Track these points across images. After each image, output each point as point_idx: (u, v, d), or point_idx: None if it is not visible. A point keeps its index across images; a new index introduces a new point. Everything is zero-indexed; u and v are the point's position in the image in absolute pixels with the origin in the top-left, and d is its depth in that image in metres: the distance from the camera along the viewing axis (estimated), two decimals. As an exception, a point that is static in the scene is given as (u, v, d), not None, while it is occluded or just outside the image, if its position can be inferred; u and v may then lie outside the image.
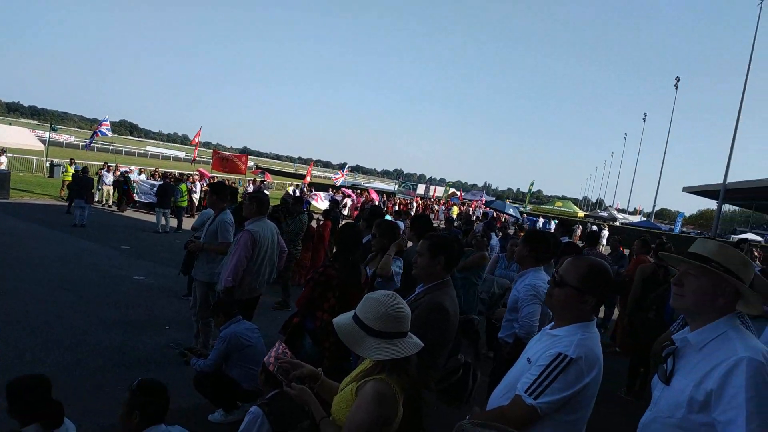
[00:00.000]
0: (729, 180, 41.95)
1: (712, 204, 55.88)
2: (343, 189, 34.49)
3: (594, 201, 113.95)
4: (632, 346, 6.82)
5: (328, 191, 32.79)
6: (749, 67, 38.89)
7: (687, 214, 79.81)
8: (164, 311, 7.74)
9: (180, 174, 25.26)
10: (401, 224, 10.70)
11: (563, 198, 72.87)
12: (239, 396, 4.54)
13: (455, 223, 9.99)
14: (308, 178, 35.37)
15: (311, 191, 30.45)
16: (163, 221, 16.03)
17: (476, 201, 41.21)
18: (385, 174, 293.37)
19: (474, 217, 16.84)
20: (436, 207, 37.98)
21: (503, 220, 29.22)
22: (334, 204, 21.38)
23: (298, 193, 31.06)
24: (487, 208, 33.90)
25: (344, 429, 2.03)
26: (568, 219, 12.00)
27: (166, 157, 74.93)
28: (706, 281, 2.04)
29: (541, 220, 36.03)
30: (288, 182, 37.73)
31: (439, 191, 49.95)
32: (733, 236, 40.02)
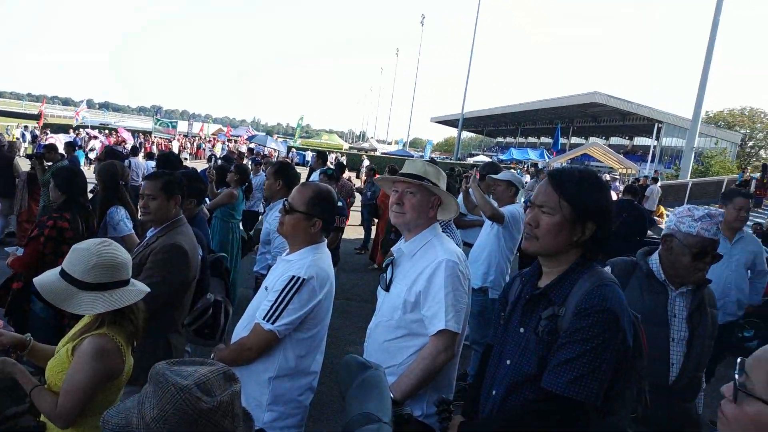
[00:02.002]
0: (466, 110, 48.14)
1: (454, 132, 63.75)
2: (89, 130, 30.20)
3: (358, 133, 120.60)
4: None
5: (69, 133, 28.34)
6: (478, 9, 44.13)
7: (435, 142, 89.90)
8: None
9: None
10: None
11: (330, 131, 75.43)
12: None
13: (218, 161, 9.55)
14: (42, 120, 30.02)
15: (47, 134, 25.93)
16: None
17: (243, 137, 40.11)
18: (142, 111, 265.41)
19: (237, 154, 16.34)
20: (203, 145, 35.93)
21: (269, 155, 29.10)
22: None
23: (27, 136, 26.24)
24: (252, 143, 33.24)
25: (61, 393, 1.83)
26: (324, 151, 12.47)
27: None
28: (422, 196, 2.30)
29: (310, 153, 36.86)
30: (14, 123, 31.33)
31: (208, 128, 47.26)
32: (469, 158, 46.46)
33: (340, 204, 5.48)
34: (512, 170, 4.59)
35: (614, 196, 12.25)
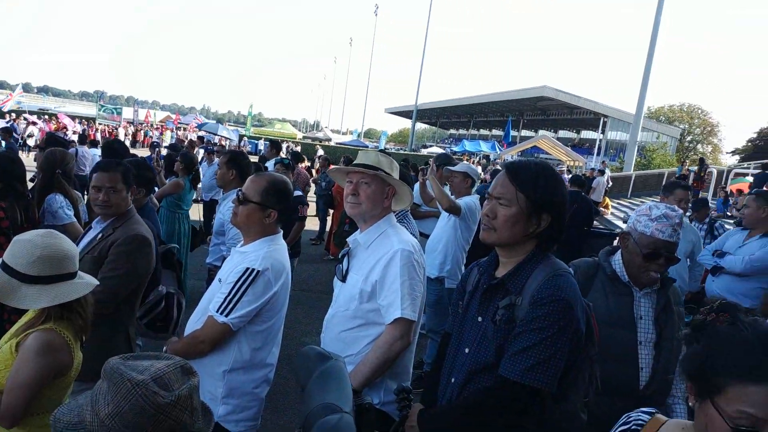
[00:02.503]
0: (420, 102, 48.42)
1: (408, 123, 64.03)
2: (26, 115, 28.65)
3: (312, 123, 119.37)
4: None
5: (4, 118, 26.81)
6: (431, 1, 44.33)
7: (390, 133, 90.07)
8: None
9: None
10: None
11: (283, 120, 74.26)
12: None
13: (162, 150, 9.25)
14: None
15: (-22, 119, 24.41)
16: None
17: (192, 125, 38.97)
18: (85, 96, 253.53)
19: (186, 142, 15.87)
20: (150, 133, 34.71)
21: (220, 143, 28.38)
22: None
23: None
24: (202, 131, 32.35)
25: (6, 391, 1.75)
26: (277, 140, 12.29)
27: None
28: (376, 186, 2.30)
29: (263, 142, 36.22)
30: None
31: (155, 115, 45.66)
32: (423, 149, 46.82)
33: (299, 193, 5.45)
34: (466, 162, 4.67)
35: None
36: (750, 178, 13.53)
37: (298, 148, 28.54)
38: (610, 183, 20.87)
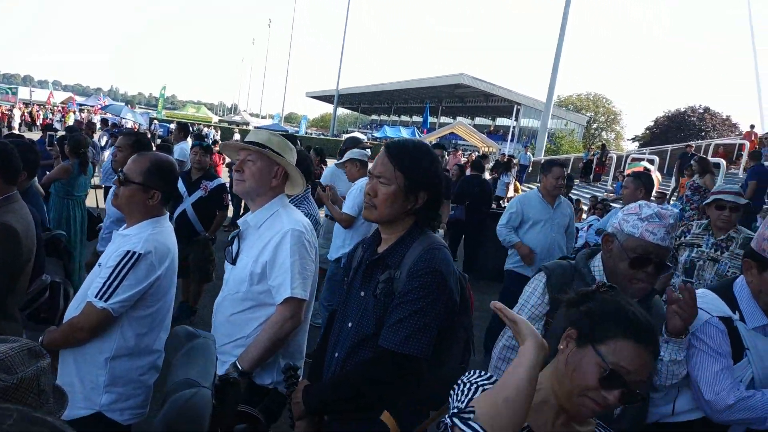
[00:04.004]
0: (342, 87, 48.15)
1: (330, 108, 63.53)
2: None
3: (229, 106, 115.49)
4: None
5: None
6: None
7: (311, 118, 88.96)
8: None
9: None
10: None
11: (198, 103, 71.24)
12: None
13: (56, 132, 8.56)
14: None
15: None
16: None
17: (97, 107, 36.55)
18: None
19: (85, 125, 14.90)
20: (50, 115, 32.19)
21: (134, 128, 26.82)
22: None
23: None
24: (107, 114, 30.43)
25: None
26: (186, 123, 11.84)
27: None
28: (262, 164, 2.28)
29: (173, 125, 34.63)
30: None
31: (58, 96, 42.36)
32: (345, 135, 46.65)
33: (222, 181, 5.30)
34: (359, 149, 4.71)
35: (487, 175, 13.17)
36: (646, 163, 14.57)
37: (215, 133, 27.58)
38: (530, 168, 22.10)
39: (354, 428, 1.79)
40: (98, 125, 17.23)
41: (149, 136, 17.09)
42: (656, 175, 12.53)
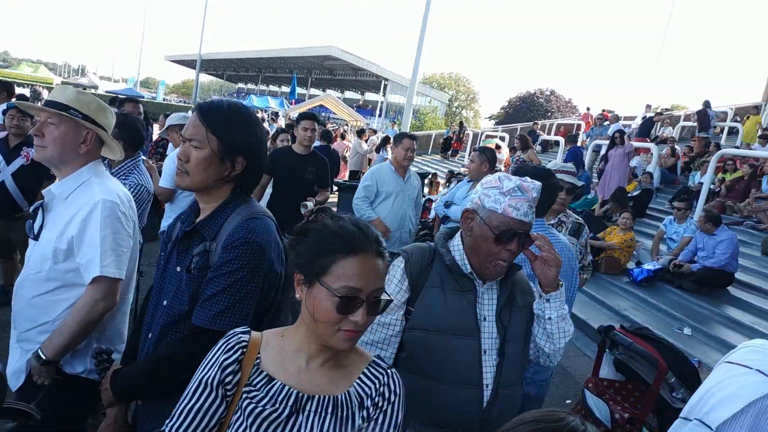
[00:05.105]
0: (206, 52, 45.27)
1: (192, 74, 59.56)
2: None
3: (76, 67, 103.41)
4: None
5: None
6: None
7: (171, 83, 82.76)
8: None
9: None
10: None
11: (38, 62, 62.58)
12: None
13: None
14: None
15: None
16: None
17: None
18: None
19: None
20: None
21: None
22: None
23: None
24: None
25: None
26: (10, 82, 10.40)
27: None
28: (67, 128, 2.00)
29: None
30: None
31: None
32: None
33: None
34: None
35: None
36: (497, 140, 15.59)
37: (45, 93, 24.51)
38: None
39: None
40: None
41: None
42: (506, 151, 13.48)
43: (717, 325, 5.89)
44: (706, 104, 15.71)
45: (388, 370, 1.32)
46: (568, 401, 4.22)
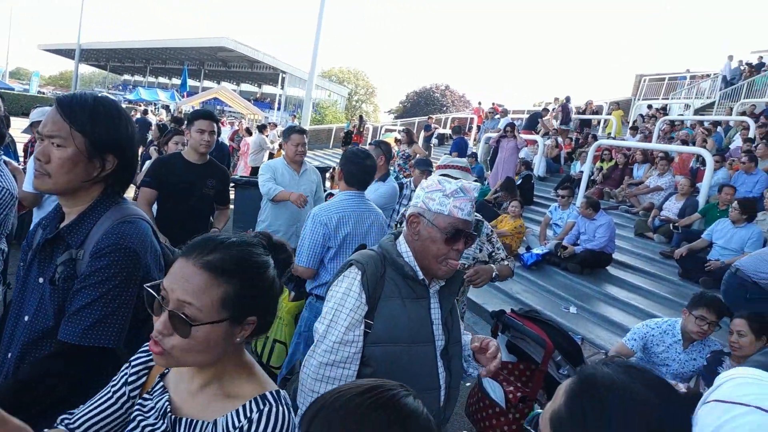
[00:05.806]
0: (86, 41, 41.79)
1: (71, 64, 54.75)
2: None
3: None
4: None
5: None
6: None
7: (47, 75, 75.65)
8: None
9: None
10: None
11: None
12: None
13: None
14: None
15: None
16: None
17: None
18: None
19: None
20: None
21: None
22: None
23: None
24: None
25: None
26: None
27: None
28: None
29: None
30: None
31: None
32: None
33: None
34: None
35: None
36: (396, 134, 15.88)
37: None
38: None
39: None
40: None
41: None
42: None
43: (598, 302, 6.38)
44: (567, 99, 16.93)
45: (266, 409, 1.10)
46: (467, 384, 4.39)
